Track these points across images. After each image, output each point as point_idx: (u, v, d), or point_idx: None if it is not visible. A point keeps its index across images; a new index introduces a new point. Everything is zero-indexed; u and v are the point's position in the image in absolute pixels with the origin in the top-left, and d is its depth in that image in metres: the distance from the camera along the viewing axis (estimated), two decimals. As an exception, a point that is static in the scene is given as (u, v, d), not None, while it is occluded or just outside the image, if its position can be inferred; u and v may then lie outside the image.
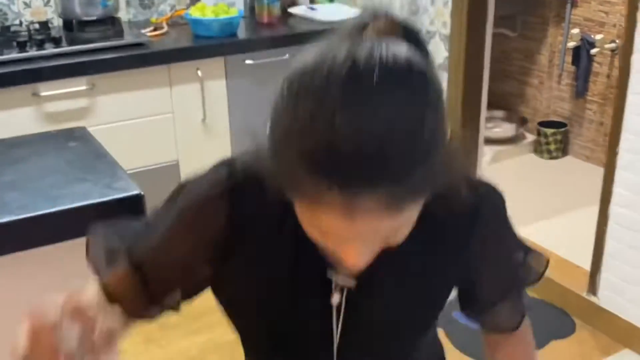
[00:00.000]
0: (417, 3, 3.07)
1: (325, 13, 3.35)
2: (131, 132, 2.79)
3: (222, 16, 2.98)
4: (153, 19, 3.19)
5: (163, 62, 2.82)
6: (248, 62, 3.00)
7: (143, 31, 3.00)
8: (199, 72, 2.89)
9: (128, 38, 2.87)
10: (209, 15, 2.99)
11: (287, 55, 3.07)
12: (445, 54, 2.98)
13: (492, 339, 1.09)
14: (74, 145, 1.80)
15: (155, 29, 3.07)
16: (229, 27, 2.98)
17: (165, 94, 2.87)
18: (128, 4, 3.27)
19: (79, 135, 1.86)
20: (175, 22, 3.14)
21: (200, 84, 2.91)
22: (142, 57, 2.78)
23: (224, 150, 3.05)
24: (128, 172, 1.68)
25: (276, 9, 3.22)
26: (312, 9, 3.43)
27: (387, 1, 2.92)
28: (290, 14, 3.38)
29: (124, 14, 3.25)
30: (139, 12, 3.30)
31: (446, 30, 2.95)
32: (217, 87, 2.97)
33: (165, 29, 3.08)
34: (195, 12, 3.01)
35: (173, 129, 2.93)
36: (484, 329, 1.08)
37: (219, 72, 2.96)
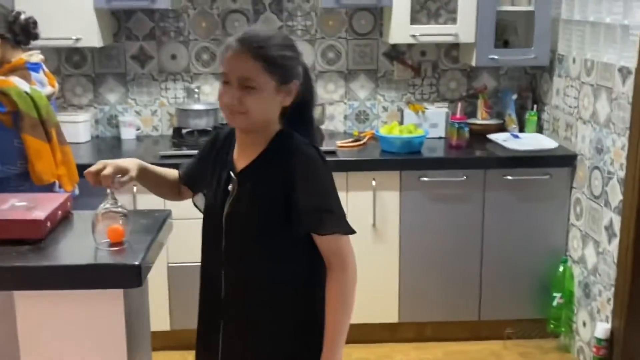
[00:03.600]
0: (602, 142, 2.97)
1: (523, 143, 3.41)
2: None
3: (406, 135, 3.27)
4: (355, 132, 3.62)
5: (342, 169, 3.20)
6: (423, 179, 3.22)
7: (338, 142, 3.44)
8: (374, 182, 3.21)
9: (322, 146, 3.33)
10: (395, 133, 3.31)
11: (464, 177, 3.22)
12: (620, 197, 2.82)
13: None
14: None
15: (356, 141, 3.49)
16: (408, 145, 3.25)
17: (342, 197, 3.23)
18: (346, 117, 3.77)
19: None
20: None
21: (373, 192, 3.22)
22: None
23: (391, 254, 3.29)
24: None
25: (465, 133, 3.39)
26: (515, 136, 3.51)
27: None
28: (489, 140, 3.51)
29: (340, 125, 3.76)
30: (355, 125, 3.77)
31: (622, 173, 2.81)
32: (390, 198, 3.24)
33: (364, 141, 3.48)
34: (384, 130, 3.35)
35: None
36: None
37: (394, 185, 3.23)
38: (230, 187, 1.64)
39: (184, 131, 3.41)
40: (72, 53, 3.60)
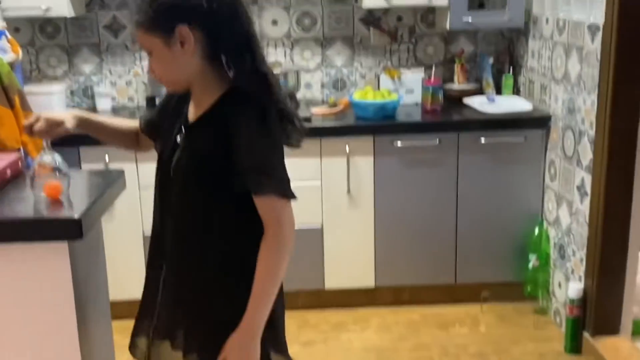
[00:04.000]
0: (574, 101, 2.95)
1: (499, 106, 3.39)
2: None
3: (380, 100, 3.26)
4: (331, 99, 3.60)
5: (316, 135, 3.19)
6: (397, 144, 3.21)
7: (314, 109, 3.43)
8: (347, 148, 3.20)
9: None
10: (369, 98, 3.29)
11: (437, 140, 3.21)
12: (591, 155, 2.81)
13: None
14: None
15: (332, 107, 3.47)
16: (382, 110, 3.24)
17: (316, 163, 3.22)
18: (323, 85, 3.75)
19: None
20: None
21: (347, 158, 3.21)
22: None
23: (366, 219, 3.29)
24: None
25: (439, 97, 3.38)
26: (492, 100, 3.49)
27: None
28: (465, 105, 3.49)
29: (317, 94, 3.75)
30: (333, 92, 3.75)
31: (593, 132, 2.79)
32: (364, 163, 3.23)
33: (340, 108, 3.46)
34: (357, 96, 3.34)
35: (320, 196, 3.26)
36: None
37: (367, 150, 3.22)
38: (179, 139, 1.64)
39: (157, 99, 3.40)
40: (46, 24, 3.58)
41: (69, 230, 1.57)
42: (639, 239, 2.79)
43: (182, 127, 1.65)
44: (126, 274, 3.08)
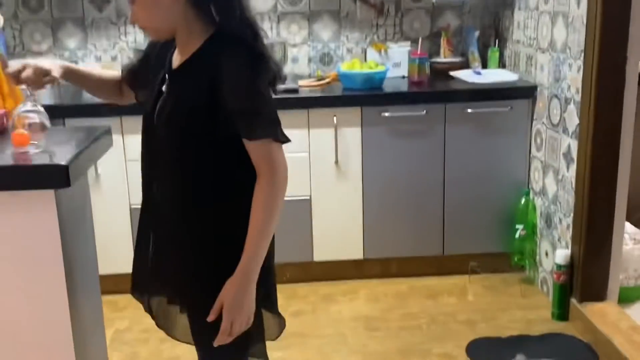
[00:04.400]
0: (560, 68, 2.97)
1: (486, 77, 3.40)
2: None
3: (367, 70, 3.25)
4: (319, 73, 3.59)
5: (303, 107, 3.18)
6: (384, 114, 3.21)
7: (300, 81, 3.42)
8: (335, 119, 3.19)
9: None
10: (356, 69, 3.29)
11: (424, 111, 3.21)
12: (577, 121, 2.82)
13: None
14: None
15: (319, 80, 3.47)
16: (370, 80, 3.24)
17: (304, 135, 3.22)
18: (310, 60, 3.74)
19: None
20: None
21: (335, 129, 3.20)
22: (287, 101, 3.17)
23: (354, 191, 3.29)
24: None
25: (426, 68, 3.38)
26: (478, 73, 3.50)
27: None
28: (452, 77, 3.50)
29: (305, 68, 3.74)
30: (320, 67, 3.75)
31: (579, 97, 2.81)
32: (352, 134, 3.23)
33: (327, 81, 3.45)
34: (345, 67, 3.33)
35: (308, 167, 3.26)
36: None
37: (355, 121, 3.22)
38: (164, 87, 1.62)
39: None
40: (29, -2, 3.55)
41: (55, 178, 1.56)
42: (624, 203, 2.81)
43: (166, 75, 1.63)
44: (113, 248, 3.07)
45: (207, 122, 1.53)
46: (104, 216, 3.00)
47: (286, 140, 1.56)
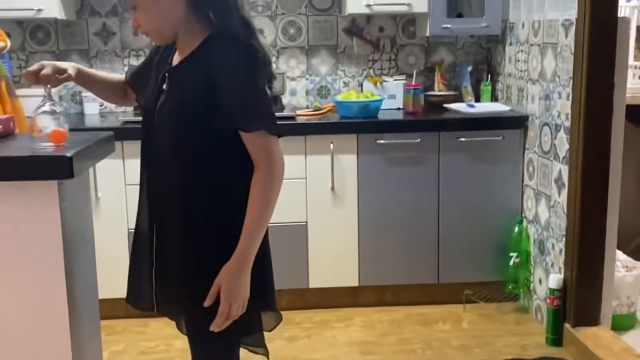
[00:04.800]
0: (550, 97, 3.06)
1: (479, 109, 3.49)
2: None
3: (363, 99, 3.35)
4: (316, 104, 3.69)
5: (301, 133, 3.26)
6: (380, 141, 3.28)
7: (298, 111, 3.51)
8: (332, 146, 3.26)
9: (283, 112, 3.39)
10: (353, 99, 3.38)
11: (419, 139, 3.29)
12: (567, 146, 2.90)
13: None
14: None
15: (316, 110, 3.55)
16: (366, 109, 3.32)
17: (301, 161, 3.28)
18: (308, 92, 3.85)
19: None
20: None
21: (331, 156, 3.27)
22: (285, 127, 3.24)
23: (350, 217, 3.33)
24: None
25: (420, 99, 3.48)
26: (471, 106, 3.59)
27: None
28: (446, 109, 3.59)
29: (302, 100, 3.83)
30: (317, 99, 3.84)
31: (568, 123, 2.89)
32: (348, 161, 3.30)
33: (323, 111, 3.54)
34: (342, 97, 3.43)
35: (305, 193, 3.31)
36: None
37: (351, 148, 3.29)
38: (165, 85, 1.69)
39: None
40: (36, 30, 3.66)
41: (59, 168, 1.61)
42: (615, 225, 2.85)
43: (166, 73, 1.70)
44: (111, 272, 3.07)
45: (206, 118, 1.59)
46: (102, 240, 3.01)
47: (282, 134, 1.63)
